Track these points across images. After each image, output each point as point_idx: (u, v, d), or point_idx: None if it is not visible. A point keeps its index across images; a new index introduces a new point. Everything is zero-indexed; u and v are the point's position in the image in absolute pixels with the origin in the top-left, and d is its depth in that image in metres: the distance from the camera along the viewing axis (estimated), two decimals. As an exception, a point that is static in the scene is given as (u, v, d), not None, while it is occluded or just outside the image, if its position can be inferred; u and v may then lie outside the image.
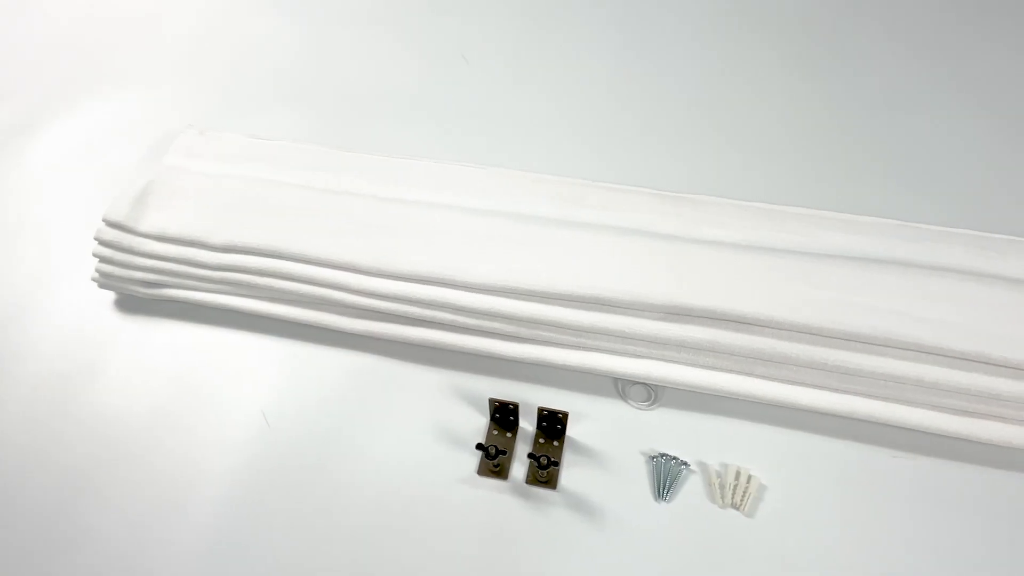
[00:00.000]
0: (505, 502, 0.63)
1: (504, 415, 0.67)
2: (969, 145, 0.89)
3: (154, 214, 0.75)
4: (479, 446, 0.61)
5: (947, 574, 0.58)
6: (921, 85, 0.97)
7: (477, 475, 0.64)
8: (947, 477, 0.63)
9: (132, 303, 0.78)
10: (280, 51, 1.08)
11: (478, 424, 0.68)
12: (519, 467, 0.65)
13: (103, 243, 0.75)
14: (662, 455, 0.64)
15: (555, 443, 0.66)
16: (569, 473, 0.64)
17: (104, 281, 0.77)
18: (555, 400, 0.69)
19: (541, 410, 0.64)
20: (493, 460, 0.62)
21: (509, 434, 0.67)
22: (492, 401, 0.65)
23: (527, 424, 0.68)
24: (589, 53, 1.07)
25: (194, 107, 0.99)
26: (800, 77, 1.00)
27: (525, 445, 0.66)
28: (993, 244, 0.73)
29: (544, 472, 0.62)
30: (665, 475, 0.63)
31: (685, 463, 0.64)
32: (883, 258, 0.70)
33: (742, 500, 0.61)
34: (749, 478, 0.62)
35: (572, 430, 0.67)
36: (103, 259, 0.76)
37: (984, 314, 0.64)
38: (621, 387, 0.70)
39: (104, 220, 0.75)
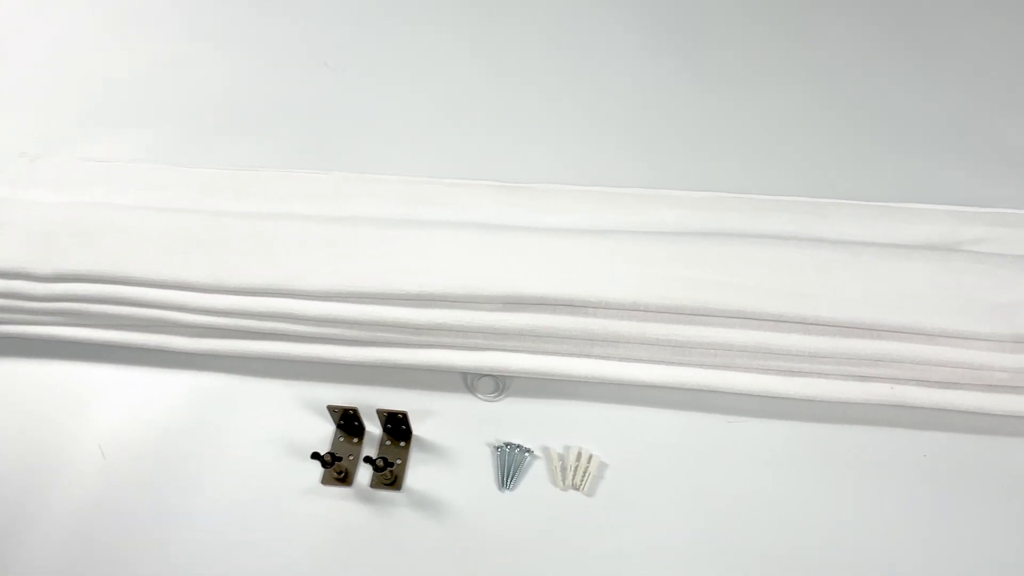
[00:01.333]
0: (349, 509, 0.62)
1: (348, 421, 0.66)
2: (804, 117, 0.93)
3: (-27, 249, 0.72)
4: (314, 455, 0.60)
5: (787, 530, 0.60)
6: (763, 64, 1.00)
7: (321, 485, 0.63)
8: (781, 436, 0.65)
9: (-41, 344, 0.75)
10: (128, 70, 1.04)
11: (325, 433, 0.67)
12: (366, 472, 0.64)
13: (-77, 284, 0.71)
14: (507, 444, 0.65)
15: (402, 444, 0.66)
16: (416, 472, 0.64)
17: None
18: (404, 400, 0.69)
19: (380, 412, 0.64)
20: (332, 468, 0.61)
21: (356, 440, 0.67)
22: (331, 408, 0.64)
23: (376, 428, 0.67)
24: (450, 52, 1.07)
25: (34, 133, 0.94)
26: (658, 58, 1.03)
27: (374, 449, 0.66)
28: (816, 208, 0.76)
29: (387, 474, 0.62)
30: (509, 464, 0.63)
31: (529, 450, 0.64)
32: (709, 230, 0.73)
33: (582, 480, 0.62)
34: (590, 458, 0.63)
35: (420, 428, 0.67)
36: (-75, 300, 0.72)
37: (803, 276, 0.66)
38: (469, 381, 0.70)
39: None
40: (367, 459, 0.60)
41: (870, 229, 0.75)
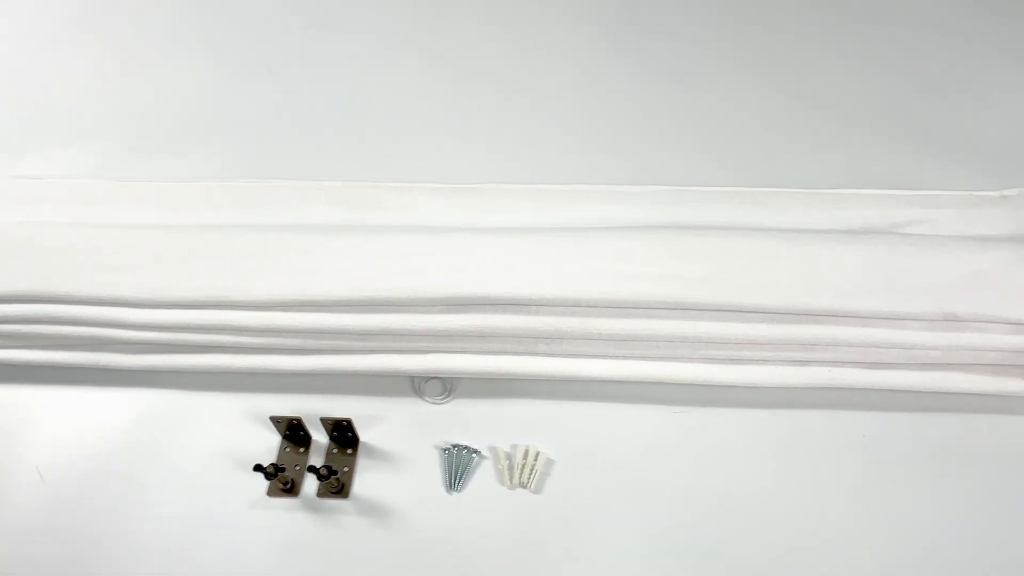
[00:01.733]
0: (295, 520, 0.61)
1: (294, 431, 0.65)
2: (743, 108, 0.94)
3: None
4: (257, 467, 0.59)
5: (734, 516, 0.61)
6: (701, 57, 1.01)
7: (268, 497, 0.63)
8: (725, 424, 0.66)
9: None
10: (64, 83, 1.02)
11: (272, 444, 0.66)
12: (313, 482, 0.64)
13: None
14: (454, 446, 0.64)
15: (349, 451, 0.65)
16: (363, 478, 0.64)
17: None
18: (352, 406, 0.68)
19: (324, 420, 0.63)
20: (275, 478, 0.61)
21: (302, 449, 0.66)
22: (275, 419, 0.64)
23: (323, 436, 0.67)
24: (394, 53, 1.06)
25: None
26: (599, 54, 1.03)
27: (322, 458, 0.65)
28: (755, 197, 0.77)
29: (332, 482, 0.62)
30: (456, 465, 0.63)
31: (476, 451, 0.64)
32: (651, 224, 0.73)
33: (529, 478, 0.62)
34: (537, 455, 0.63)
35: (368, 434, 0.67)
36: None
37: (740, 265, 0.67)
38: (417, 384, 0.70)
39: None
40: (311, 468, 0.60)
41: (808, 216, 0.77)
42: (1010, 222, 0.76)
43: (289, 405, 0.68)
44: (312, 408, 0.68)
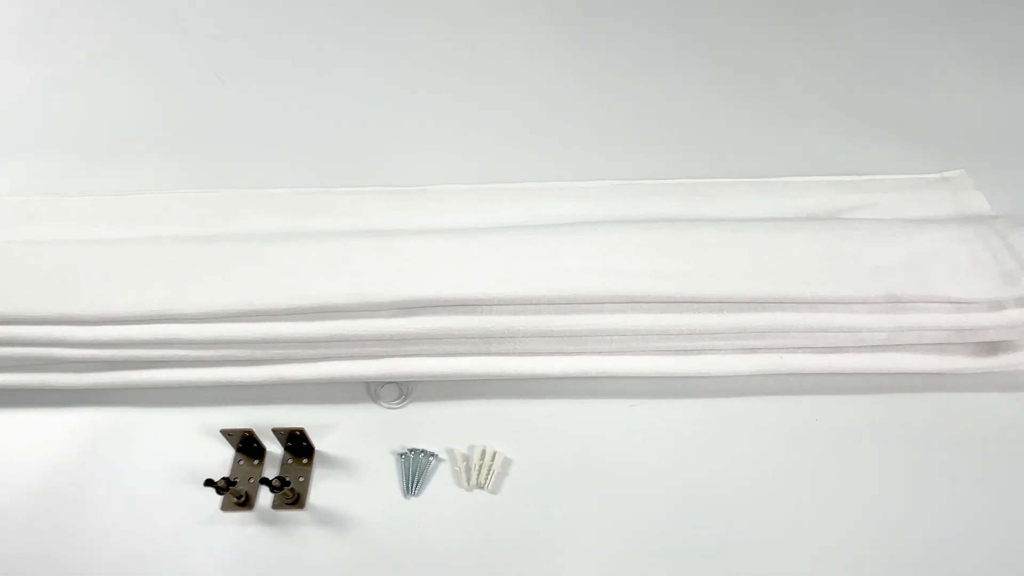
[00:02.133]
0: (250, 533, 0.60)
1: (247, 443, 0.64)
2: (690, 100, 0.95)
3: None
4: (207, 482, 0.58)
5: (691, 506, 0.61)
6: (646, 50, 1.02)
7: (222, 512, 0.62)
8: (680, 414, 0.67)
9: None
10: (2, 97, 0.99)
11: (225, 458, 0.65)
12: (269, 494, 0.63)
13: None
14: (411, 450, 0.64)
15: (304, 461, 0.65)
16: (319, 488, 0.63)
17: None
18: (307, 415, 0.67)
19: (276, 431, 0.62)
20: (229, 493, 0.60)
21: (256, 461, 0.65)
22: (226, 433, 0.63)
23: (278, 447, 0.66)
24: (340, 58, 1.05)
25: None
26: (544, 52, 1.03)
27: (277, 469, 0.65)
28: (702, 188, 0.78)
29: (287, 492, 0.61)
30: (413, 470, 0.63)
31: (433, 454, 0.64)
32: (600, 219, 0.73)
33: (487, 478, 0.62)
34: (494, 455, 0.63)
35: (324, 443, 0.66)
36: None
37: (688, 256, 0.67)
38: (372, 390, 0.69)
39: None
40: (263, 480, 0.59)
41: (755, 205, 0.78)
42: (950, 203, 0.77)
43: (243, 417, 0.67)
44: (266, 419, 0.66)
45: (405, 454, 0.64)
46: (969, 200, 0.78)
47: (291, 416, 0.68)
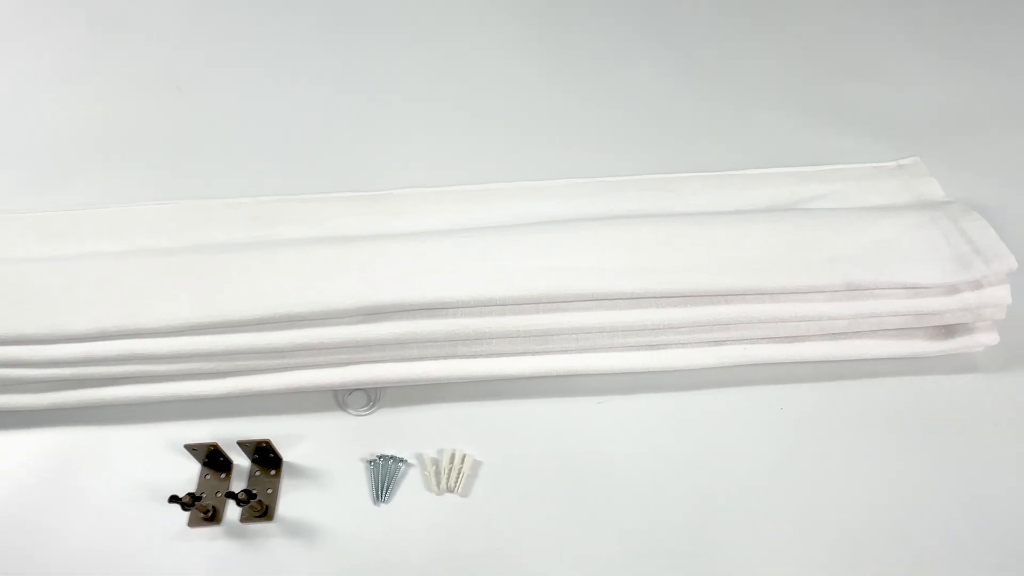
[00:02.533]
0: (218, 548, 0.60)
1: (213, 457, 0.64)
2: (653, 95, 0.96)
3: None
4: (172, 499, 0.57)
5: (661, 499, 0.62)
6: (608, 47, 1.02)
7: (189, 528, 0.61)
8: (648, 409, 0.67)
9: None
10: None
11: (191, 473, 0.64)
12: (236, 508, 0.62)
13: None
14: (380, 457, 0.64)
15: (273, 472, 0.64)
16: (288, 499, 0.62)
17: None
18: (275, 426, 0.66)
19: (241, 443, 0.62)
20: (195, 508, 0.59)
21: (223, 475, 0.64)
22: (190, 448, 0.62)
23: (245, 460, 0.65)
24: (302, 64, 1.04)
25: None
26: (507, 51, 1.03)
27: (244, 482, 0.64)
28: (666, 184, 0.79)
29: (254, 505, 0.60)
30: (383, 476, 0.62)
31: (403, 460, 0.64)
32: (565, 217, 0.74)
33: (456, 481, 0.62)
34: (463, 458, 0.63)
35: (292, 453, 0.65)
36: None
37: (651, 251, 0.68)
38: (340, 397, 0.69)
39: None
40: (229, 494, 0.58)
41: (718, 198, 0.78)
42: (906, 190, 0.79)
43: (209, 431, 0.67)
44: (233, 432, 0.65)
45: (374, 460, 0.64)
46: (924, 187, 0.80)
47: (259, 427, 0.67)
